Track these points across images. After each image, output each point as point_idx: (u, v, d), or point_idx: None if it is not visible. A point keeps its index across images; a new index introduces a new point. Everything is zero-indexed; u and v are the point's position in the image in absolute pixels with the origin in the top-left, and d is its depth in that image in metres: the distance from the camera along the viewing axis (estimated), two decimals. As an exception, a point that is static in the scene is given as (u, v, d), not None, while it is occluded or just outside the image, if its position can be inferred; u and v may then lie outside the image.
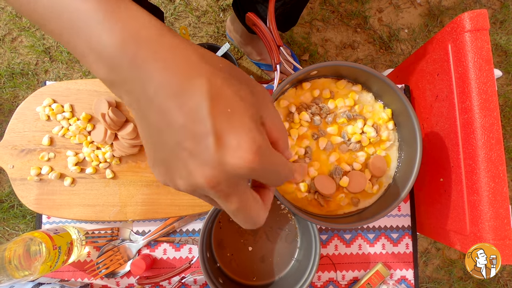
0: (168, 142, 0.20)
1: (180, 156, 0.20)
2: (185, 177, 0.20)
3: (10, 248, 0.41)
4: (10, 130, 0.50)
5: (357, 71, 0.44)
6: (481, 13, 0.42)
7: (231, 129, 0.19)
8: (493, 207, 0.40)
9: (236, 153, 0.19)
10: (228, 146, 0.19)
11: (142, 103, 0.20)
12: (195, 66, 0.20)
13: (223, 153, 0.19)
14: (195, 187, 0.20)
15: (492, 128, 0.41)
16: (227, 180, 0.20)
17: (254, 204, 0.22)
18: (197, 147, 0.19)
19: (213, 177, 0.19)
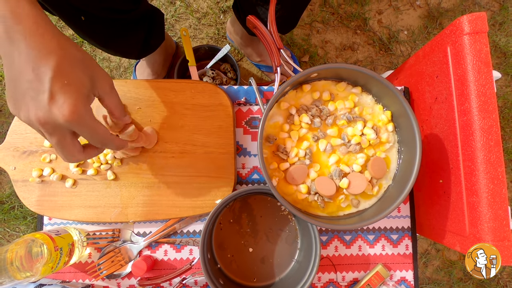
0: (21, 87, 0.31)
1: (25, 98, 0.31)
2: (25, 113, 0.31)
3: (12, 249, 0.42)
4: (12, 132, 0.51)
5: (356, 73, 0.44)
6: (479, 16, 0.43)
7: (62, 93, 0.30)
8: (492, 208, 0.40)
9: (59, 108, 0.30)
10: (56, 102, 0.30)
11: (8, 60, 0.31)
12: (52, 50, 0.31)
13: (51, 105, 0.30)
14: (30, 122, 0.31)
15: (491, 130, 0.41)
16: (52, 123, 0.31)
17: (71, 147, 0.34)
18: (37, 97, 0.30)
19: (42, 118, 0.30)
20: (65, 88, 0.31)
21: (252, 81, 0.50)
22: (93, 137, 0.34)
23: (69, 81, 0.31)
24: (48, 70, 0.30)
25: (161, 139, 0.51)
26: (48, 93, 0.30)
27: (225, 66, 1.01)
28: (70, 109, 0.30)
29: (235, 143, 0.53)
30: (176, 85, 0.52)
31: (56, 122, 0.30)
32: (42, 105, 0.30)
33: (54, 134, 0.32)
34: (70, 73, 0.31)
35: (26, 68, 0.30)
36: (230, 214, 0.52)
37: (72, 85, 0.31)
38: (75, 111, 0.31)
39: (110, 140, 0.36)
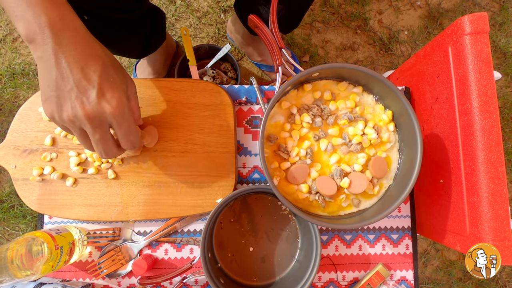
0: (66, 86, 0.33)
1: (71, 96, 0.33)
2: (71, 110, 0.33)
3: (12, 248, 0.41)
4: (12, 130, 0.51)
5: (358, 73, 0.44)
6: (481, 16, 0.43)
7: (109, 90, 0.34)
8: (492, 208, 0.41)
9: (108, 101, 0.34)
10: (105, 96, 0.34)
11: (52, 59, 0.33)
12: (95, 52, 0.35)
13: (100, 99, 0.34)
14: (76, 116, 0.34)
15: (492, 130, 0.41)
16: (99, 116, 0.34)
17: (110, 142, 0.37)
18: (85, 93, 0.33)
19: (90, 112, 0.33)
20: (112, 85, 0.34)
21: (253, 81, 0.50)
22: (127, 133, 0.37)
23: (114, 80, 0.35)
24: (97, 70, 0.34)
25: (162, 138, 0.51)
26: (97, 88, 0.33)
27: (225, 66, 1.01)
28: (117, 102, 0.34)
29: (236, 142, 0.53)
30: (177, 84, 0.52)
31: (103, 114, 0.34)
32: (91, 100, 0.33)
33: (99, 128, 0.35)
34: (113, 74, 0.35)
35: (75, 68, 0.33)
36: (231, 213, 0.52)
37: (117, 83, 0.35)
38: (122, 103, 0.35)
39: (138, 137, 0.39)
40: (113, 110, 0.34)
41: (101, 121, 0.34)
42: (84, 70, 0.33)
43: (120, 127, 0.36)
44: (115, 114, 0.34)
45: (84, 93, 0.33)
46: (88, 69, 0.33)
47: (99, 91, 0.33)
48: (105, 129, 0.35)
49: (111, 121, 0.35)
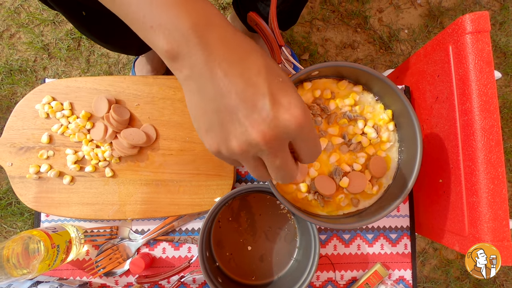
0: (226, 106, 0.23)
1: (237, 117, 0.23)
2: (240, 135, 0.24)
3: (8, 246, 0.41)
4: (8, 128, 0.50)
5: (358, 71, 0.43)
6: (482, 15, 0.42)
7: (283, 92, 0.24)
8: (492, 208, 0.40)
9: (288, 110, 0.23)
10: (281, 104, 0.23)
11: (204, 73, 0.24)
12: (250, 47, 0.25)
13: (277, 110, 0.23)
14: (250, 144, 0.24)
15: (492, 130, 0.41)
16: (279, 137, 0.24)
17: (292, 164, 0.27)
18: (254, 107, 0.23)
19: (268, 132, 0.23)
20: (284, 85, 0.24)
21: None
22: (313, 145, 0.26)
23: (283, 78, 0.25)
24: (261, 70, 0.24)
25: (160, 137, 0.51)
26: (268, 95, 0.23)
27: (224, 63, 1.00)
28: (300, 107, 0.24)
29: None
30: (175, 81, 0.51)
31: (287, 130, 0.24)
32: (265, 115, 0.23)
33: (281, 151, 0.25)
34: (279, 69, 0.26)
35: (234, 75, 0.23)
36: (229, 212, 0.52)
37: (287, 81, 0.25)
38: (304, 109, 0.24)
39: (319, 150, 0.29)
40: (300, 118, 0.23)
41: (283, 141, 0.24)
42: (245, 75, 0.23)
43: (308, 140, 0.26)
44: (303, 122, 0.24)
45: (254, 107, 0.23)
46: (250, 72, 0.24)
47: (271, 98, 0.23)
48: (287, 150, 0.26)
49: (297, 135, 0.24)
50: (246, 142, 0.24)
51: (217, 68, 0.23)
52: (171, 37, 0.23)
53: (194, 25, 0.23)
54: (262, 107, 0.23)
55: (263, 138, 0.23)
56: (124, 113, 0.49)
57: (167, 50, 0.24)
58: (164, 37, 0.23)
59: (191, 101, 0.26)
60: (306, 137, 0.25)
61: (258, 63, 0.24)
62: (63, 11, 0.53)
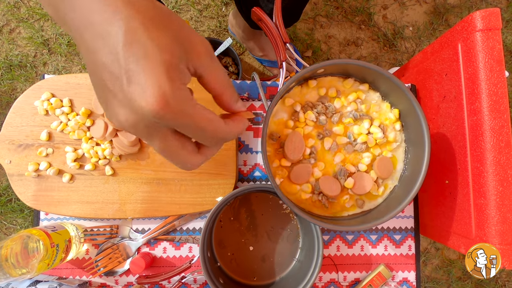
0: (99, 82, 0.21)
1: (107, 94, 0.21)
2: (114, 116, 0.21)
3: (7, 245, 0.40)
4: (7, 124, 0.49)
5: (365, 70, 0.42)
6: (493, 12, 0.41)
7: (140, 72, 0.19)
8: (500, 211, 0.39)
9: (142, 95, 0.19)
10: (135, 84, 0.19)
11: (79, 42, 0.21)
12: (118, 9, 0.20)
13: (131, 91, 0.20)
14: (123, 126, 0.21)
15: (502, 130, 0.40)
16: (142, 121, 0.20)
17: (181, 150, 0.23)
18: (115, 87, 0.20)
19: (130, 117, 0.20)
20: (143, 61, 0.19)
21: (255, 76, 0.49)
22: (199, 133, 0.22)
23: (147, 50, 0.20)
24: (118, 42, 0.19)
25: (161, 134, 0.50)
26: (124, 74, 0.20)
27: (226, 60, 0.99)
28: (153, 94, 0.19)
29: (237, 139, 0.52)
30: (177, 78, 0.50)
31: (145, 118, 0.20)
32: (123, 98, 0.20)
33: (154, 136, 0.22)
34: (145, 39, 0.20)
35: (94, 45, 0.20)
36: (231, 212, 0.51)
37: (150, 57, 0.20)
38: (162, 96, 0.19)
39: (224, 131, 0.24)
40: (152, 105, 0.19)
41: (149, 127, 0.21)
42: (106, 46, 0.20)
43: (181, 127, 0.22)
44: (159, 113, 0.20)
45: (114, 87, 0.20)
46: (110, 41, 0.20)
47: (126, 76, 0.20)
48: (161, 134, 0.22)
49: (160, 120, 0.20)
50: (119, 124, 0.21)
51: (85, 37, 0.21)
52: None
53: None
54: (120, 89, 0.20)
55: (127, 122, 0.21)
56: None
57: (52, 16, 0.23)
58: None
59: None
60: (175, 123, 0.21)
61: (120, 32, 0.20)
62: None
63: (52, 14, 0.23)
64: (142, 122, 0.20)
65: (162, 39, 0.20)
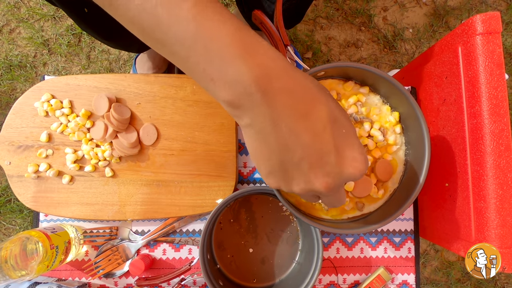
0: (293, 158, 0.24)
1: (301, 168, 0.25)
2: (303, 184, 0.26)
3: (6, 247, 0.40)
4: (7, 126, 0.49)
5: (365, 72, 0.42)
6: (493, 16, 0.41)
7: (347, 146, 0.25)
8: (500, 215, 0.39)
9: (352, 164, 0.25)
10: (346, 159, 0.25)
11: (267, 126, 0.24)
12: (315, 95, 0.24)
13: (342, 165, 0.25)
14: (311, 190, 0.26)
15: (502, 134, 0.40)
16: (340, 184, 0.26)
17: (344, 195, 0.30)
18: (319, 162, 0.24)
19: (331, 184, 0.25)
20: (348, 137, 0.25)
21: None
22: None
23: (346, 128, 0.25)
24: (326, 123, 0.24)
25: (161, 136, 0.50)
26: (333, 152, 0.24)
27: (226, 61, 0.99)
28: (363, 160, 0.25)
29: (237, 141, 0.52)
30: (177, 80, 0.50)
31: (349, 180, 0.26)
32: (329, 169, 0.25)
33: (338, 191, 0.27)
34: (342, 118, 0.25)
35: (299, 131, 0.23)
36: (231, 214, 0.51)
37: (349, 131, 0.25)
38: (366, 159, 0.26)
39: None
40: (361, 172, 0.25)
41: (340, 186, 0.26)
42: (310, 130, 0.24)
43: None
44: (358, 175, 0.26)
45: (319, 161, 0.24)
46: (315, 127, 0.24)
47: (337, 154, 0.24)
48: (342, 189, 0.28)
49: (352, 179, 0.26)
50: (308, 189, 0.26)
51: (282, 124, 0.24)
52: (232, 90, 0.23)
53: (257, 78, 0.23)
54: (327, 162, 0.24)
55: (325, 188, 0.25)
56: (125, 112, 0.48)
57: (228, 101, 0.24)
58: (225, 90, 0.23)
59: (251, 145, 0.26)
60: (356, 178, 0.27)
61: (323, 115, 0.24)
62: (64, 8, 0.52)
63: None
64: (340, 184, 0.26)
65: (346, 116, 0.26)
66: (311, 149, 0.24)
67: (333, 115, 0.24)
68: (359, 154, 0.25)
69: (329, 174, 0.25)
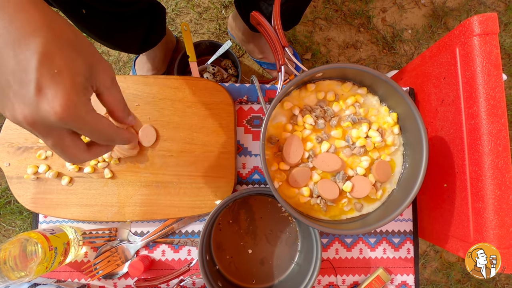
0: (2, 80, 0.25)
1: (8, 93, 0.25)
2: (11, 111, 0.25)
3: (5, 248, 0.40)
4: (6, 127, 0.49)
5: (363, 73, 0.43)
6: (490, 17, 0.41)
7: (51, 84, 0.24)
8: (498, 215, 0.40)
9: (50, 103, 0.24)
10: (45, 96, 0.24)
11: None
12: (37, 29, 0.24)
13: (40, 100, 0.24)
14: (17, 122, 0.25)
15: (500, 134, 0.40)
16: (42, 122, 0.25)
17: (72, 148, 0.28)
18: (21, 90, 0.24)
19: (29, 117, 0.24)
20: (56, 77, 0.24)
21: (254, 79, 0.49)
22: (95, 135, 0.28)
23: (60, 68, 0.25)
24: (33, 55, 0.24)
25: (160, 137, 0.50)
26: (34, 84, 0.24)
27: (226, 62, 0.99)
28: (63, 103, 0.24)
29: (236, 142, 0.52)
30: (176, 81, 0.50)
31: (47, 120, 0.25)
32: (28, 101, 0.24)
33: (49, 135, 0.26)
34: (62, 58, 0.25)
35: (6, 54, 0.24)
36: (230, 215, 0.51)
37: (65, 73, 0.25)
38: (70, 106, 0.25)
39: (117, 134, 0.30)
40: (60, 114, 0.24)
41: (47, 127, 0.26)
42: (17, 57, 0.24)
43: (81, 130, 0.27)
44: (63, 118, 0.25)
45: (20, 90, 0.24)
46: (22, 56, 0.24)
47: (36, 88, 0.24)
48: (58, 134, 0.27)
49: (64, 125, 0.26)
50: (15, 119, 0.25)
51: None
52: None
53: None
54: (26, 93, 0.24)
55: (25, 120, 0.25)
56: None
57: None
58: None
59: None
60: (77, 127, 0.26)
61: (37, 47, 0.24)
62: (62, 9, 0.52)
63: None
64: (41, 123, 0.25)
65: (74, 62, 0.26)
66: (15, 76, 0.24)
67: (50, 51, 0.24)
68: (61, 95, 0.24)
69: (27, 105, 0.24)
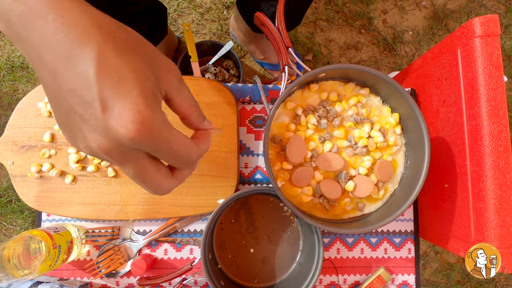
0: (63, 105, 0.20)
1: (74, 120, 0.20)
2: (83, 141, 0.20)
3: (9, 246, 0.41)
4: (10, 126, 0.49)
5: (366, 74, 0.43)
6: (492, 19, 0.42)
7: (116, 97, 0.19)
8: (499, 215, 0.40)
9: (119, 121, 0.19)
10: (111, 112, 0.19)
11: (37, 63, 0.20)
12: (87, 32, 0.19)
13: (108, 119, 0.19)
14: (92, 152, 0.21)
15: (501, 135, 0.41)
16: (117, 147, 0.20)
17: (155, 174, 0.23)
18: (87, 112, 0.19)
19: (103, 144, 0.20)
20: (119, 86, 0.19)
21: (256, 80, 0.49)
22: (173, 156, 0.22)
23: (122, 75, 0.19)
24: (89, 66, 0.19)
25: (163, 137, 0.50)
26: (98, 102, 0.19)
27: (227, 63, 1.00)
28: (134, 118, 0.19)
29: (239, 142, 0.52)
30: (179, 81, 0.51)
31: (121, 143, 0.20)
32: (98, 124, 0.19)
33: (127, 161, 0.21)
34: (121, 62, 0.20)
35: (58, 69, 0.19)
36: (232, 214, 0.52)
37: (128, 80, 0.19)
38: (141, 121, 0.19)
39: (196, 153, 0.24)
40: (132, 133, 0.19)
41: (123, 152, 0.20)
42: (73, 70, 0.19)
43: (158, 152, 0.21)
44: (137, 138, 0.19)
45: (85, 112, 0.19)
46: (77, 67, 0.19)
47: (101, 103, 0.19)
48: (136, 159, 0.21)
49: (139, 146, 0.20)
50: (89, 150, 0.21)
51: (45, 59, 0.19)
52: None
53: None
54: (93, 115, 0.19)
55: (99, 148, 0.20)
56: None
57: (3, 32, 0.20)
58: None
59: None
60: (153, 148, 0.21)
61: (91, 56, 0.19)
62: None
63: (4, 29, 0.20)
64: (117, 148, 0.20)
65: (136, 64, 0.20)
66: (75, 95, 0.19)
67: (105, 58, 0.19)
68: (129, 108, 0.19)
69: (97, 129, 0.19)
